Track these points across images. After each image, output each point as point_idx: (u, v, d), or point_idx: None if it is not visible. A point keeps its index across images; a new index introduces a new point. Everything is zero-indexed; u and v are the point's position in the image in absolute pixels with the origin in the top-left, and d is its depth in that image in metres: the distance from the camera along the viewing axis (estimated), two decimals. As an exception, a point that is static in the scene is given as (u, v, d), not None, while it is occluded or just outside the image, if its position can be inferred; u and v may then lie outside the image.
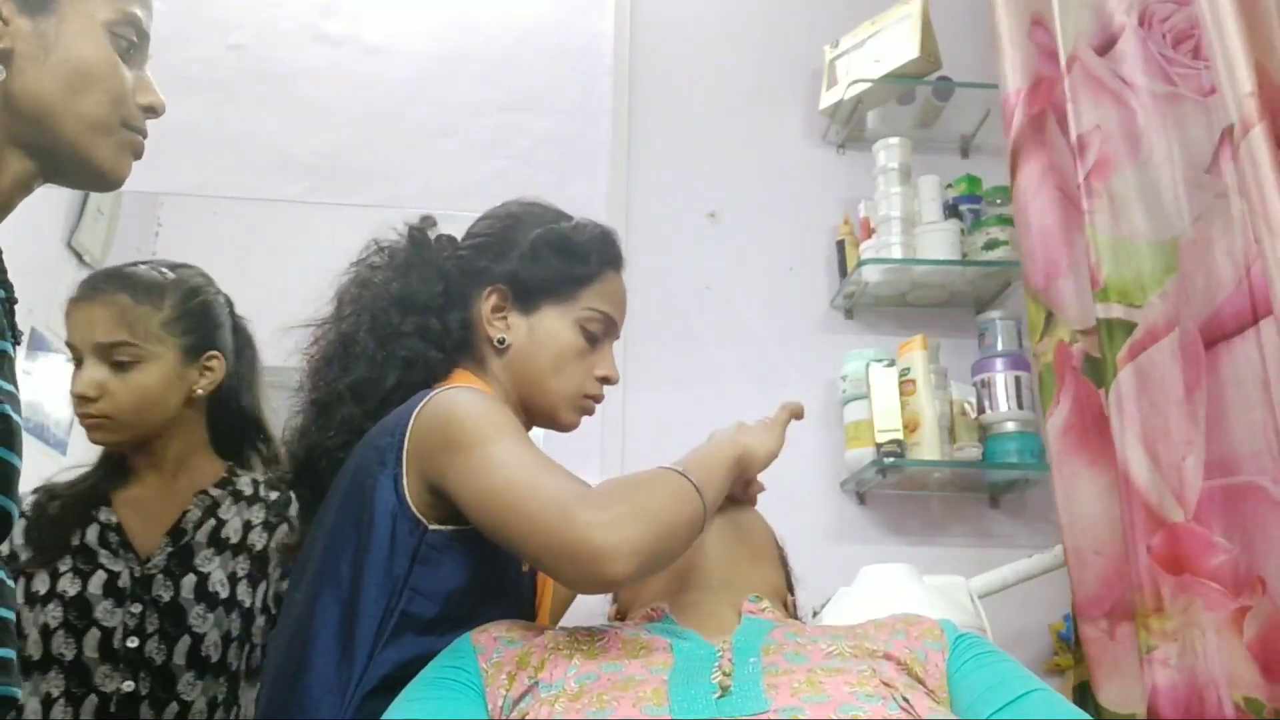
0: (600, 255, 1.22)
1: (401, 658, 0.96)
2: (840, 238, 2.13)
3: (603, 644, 0.87)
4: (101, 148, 0.89)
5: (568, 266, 1.20)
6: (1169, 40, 1.37)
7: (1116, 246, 1.34)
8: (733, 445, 1.09)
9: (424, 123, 2.15)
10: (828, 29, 2.23)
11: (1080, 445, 1.40)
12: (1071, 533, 1.39)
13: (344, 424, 1.14)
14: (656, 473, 0.95)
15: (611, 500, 0.88)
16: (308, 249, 2.03)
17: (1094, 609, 1.36)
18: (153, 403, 1.36)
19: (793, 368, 2.09)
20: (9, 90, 0.84)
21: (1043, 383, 1.47)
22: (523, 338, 1.19)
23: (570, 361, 1.18)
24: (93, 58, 0.87)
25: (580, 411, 1.22)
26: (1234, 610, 1.21)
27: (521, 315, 1.19)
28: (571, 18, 2.26)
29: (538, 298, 1.19)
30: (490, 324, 1.19)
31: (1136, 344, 1.31)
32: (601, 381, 1.22)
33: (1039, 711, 0.78)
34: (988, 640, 0.95)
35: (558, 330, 1.18)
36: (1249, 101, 1.18)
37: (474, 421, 0.98)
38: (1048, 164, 1.50)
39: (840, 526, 2.00)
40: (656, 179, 2.17)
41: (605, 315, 1.21)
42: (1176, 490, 1.26)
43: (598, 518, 0.85)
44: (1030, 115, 1.52)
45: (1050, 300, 1.47)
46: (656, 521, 0.88)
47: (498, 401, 1.06)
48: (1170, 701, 1.21)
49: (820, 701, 0.71)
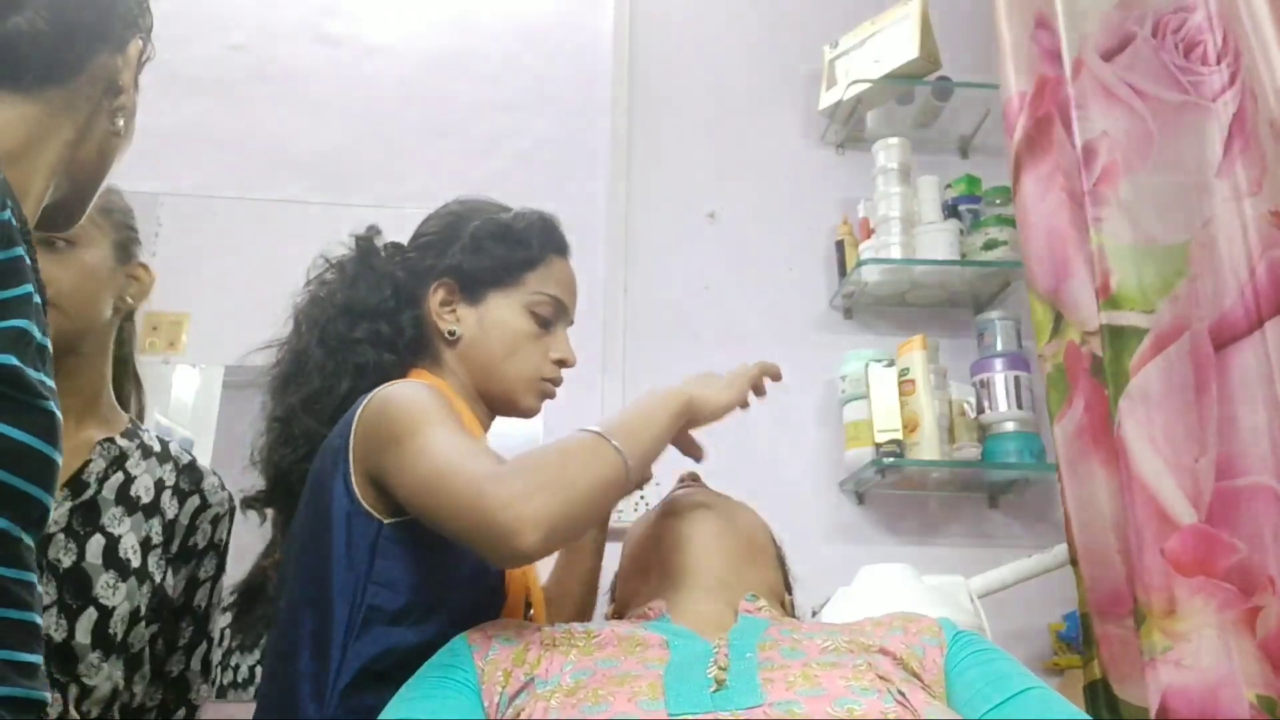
0: (541, 240, 1.24)
1: (373, 650, 0.97)
2: (839, 238, 2.13)
3: (599, 640, 0.87)
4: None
5: (509, 253, 1.22)
6: (1181, 49, 1.38)
7: (1127, 253, 1.35)
8: (676, 395, 1.08)
9: (424, 123, 2.16)
10: (827, 29, 2.23)
11: (1096, 445, 1.39)
12: (1087, 532, 1.39)
13: (304, 437, 1.16)
14: (574, 438, 0.95)
15: (520, 475, 0.89)
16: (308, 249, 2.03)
17: (1119, 607, 1.36)
18: (92, 292, 1.22)
19: (792, 368, 2.06)
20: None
21: (1052, 384, 1.47)
22: (473, 328, 1.21)
23: (523, 345, 1.21)
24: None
25: (540, 395, 1.24)
26: (1246, 610, 1.22)
27: (470, 306, 1.21)
28: (571, 18, 2.27)
29: (483, 287, 1.21)
30: (440, 318, 1.21)
31: (1148, 349, 1.32)
32: (558, 364, 1.23)
33: (1036, 709, 0.78)
34: (986, 638, 0.95)
35: (507, 317, 1.21)
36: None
37: (405, 414, 1.00)
38: (1054, 166, 1.50)
39: (839, 526, 2.00)
40: (656, 179, 2.17)
41: (553, 298, 1.22)
42: (1190, 493, 1.26)
43: (505, 493, 0.87)
44: (1036, 118, 1.52)
45: (1060, 302, 1.47)
46: (566, 491, 0.89)
47: (433, 390, 1.06)
48: (1185, 701, 1.21)
49: (816, 695, 0.71)
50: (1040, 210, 1.50)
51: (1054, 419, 1.46)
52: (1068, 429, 1.43)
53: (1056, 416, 1.45)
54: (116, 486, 1.23)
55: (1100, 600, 1.38)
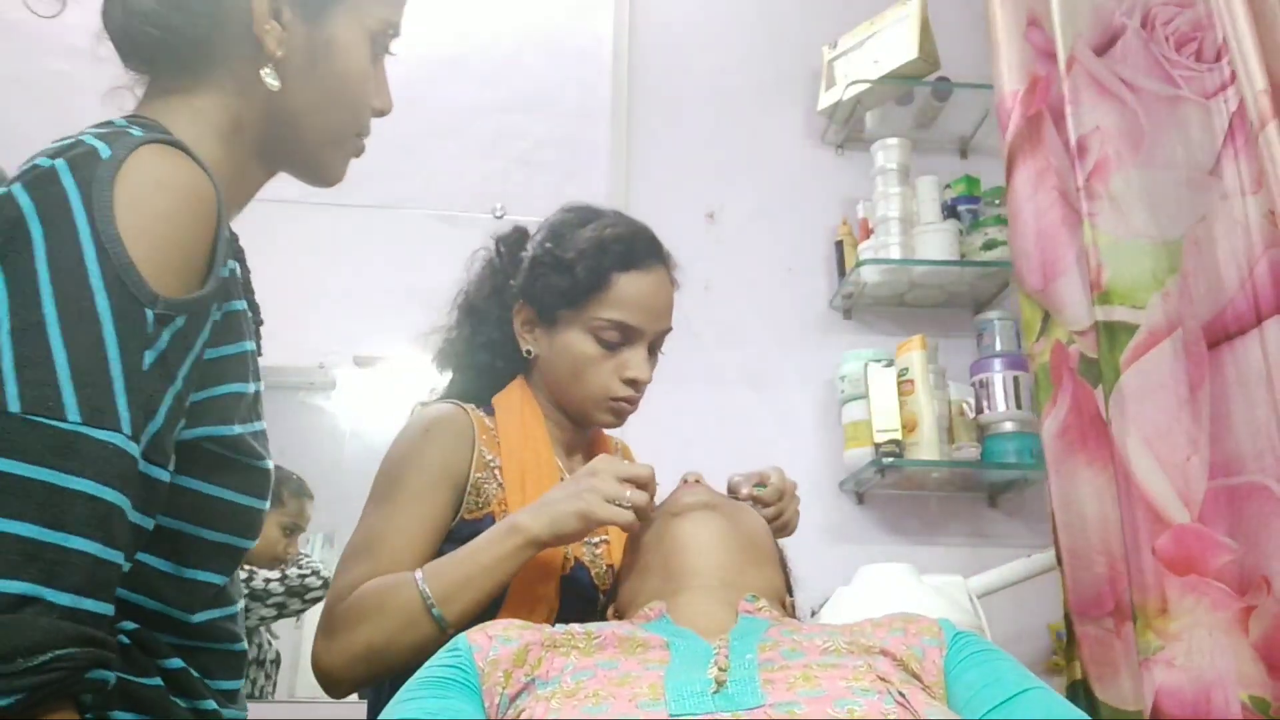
0: (592, 264, 1.21)
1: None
2: (839, 238, 2.14)
3: (599, 641, 0.87)
4: (332, 158, 0.90)
5: (563, 281, 1.22)
6: (1172, 43, 1.38)
7: (1118, 248, 1.35)
8: (509, 529, 1.06)
9: (424, 124, 2.15)
10: (826, 30, 2.23)
11: (1079, 445, 1.40)
12: (1069, 533, 1.39)
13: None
14: (397, 596, 1.05)
15: (344, 628, 1.05)
16: (307, 249, 2.03)
17: (1097, 608, 1.36)
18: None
19: (791, 368, 2.09)
20: (272, 102, 0.82)
21: (1039, 383, 1.47)
22: (546, 349, 1.25)
23: (588, 369, 1.22)
24: (353, 71, 0.86)
25: (611, 413, 1.25)
26: (1239, 610, 1.21)
27: (544, 328, 1.25)
28: (571, 20, 2.27)
29: (551, 311, 1.24)
30: (522, 337, 1.27)
31: (1139, 345, 1.32)
32: (629, 384, 1.23)
33: (1036, 709, 0.78)
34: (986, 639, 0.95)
35: (571, 341, 1.22)
36: (1263, 99, 1.20)
37: (389, 462, 1.17)
38: (1045, 164, 1.50)
39: (839, 526, 2.00)
40: (655, 179, 2.17)
41: (613, 323, 1.21)
42: (1181, 491, 1.26)
43: (327, 646, 1.06)
44: (1027, 117, 1.52)
45: (1048, 301, 1.48)
46: (371, 657, 1.04)
47: (433, 432, 1.18)
48: (1177, 701, 1.21)
49: (816, 696, 0.71)
50: (1030, 209, 1.51)
51: (1041, 418, 1.46)
52: (1051, 429, 1.43)
53: (1042, 416, 1.45)
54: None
55: (1081, 601, 1.38)
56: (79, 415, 0.62)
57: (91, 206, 0.66)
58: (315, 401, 2.04)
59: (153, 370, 0.67)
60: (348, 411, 2.04)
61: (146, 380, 0.67)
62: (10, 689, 0.57)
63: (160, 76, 0.82)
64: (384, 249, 2.08)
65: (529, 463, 1.19)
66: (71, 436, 0.62)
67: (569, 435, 1.29)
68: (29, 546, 0.59)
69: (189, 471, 0.74)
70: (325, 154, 0.89)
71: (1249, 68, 1.25)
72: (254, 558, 1.83)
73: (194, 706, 0.75)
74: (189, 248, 0.70)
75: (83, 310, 0.64)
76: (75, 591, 0.61)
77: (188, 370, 0.71)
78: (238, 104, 0.82)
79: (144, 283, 0.66)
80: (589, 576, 1.19)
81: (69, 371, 0.63)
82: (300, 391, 2.02)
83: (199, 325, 0.71)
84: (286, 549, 1.86)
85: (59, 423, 0.62)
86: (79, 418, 0.62)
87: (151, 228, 0.68)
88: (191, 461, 0.74)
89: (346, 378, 2.02)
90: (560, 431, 1.27)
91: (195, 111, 0.80)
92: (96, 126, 0.74)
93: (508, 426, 1.21)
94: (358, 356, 2.00)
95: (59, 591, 0.60)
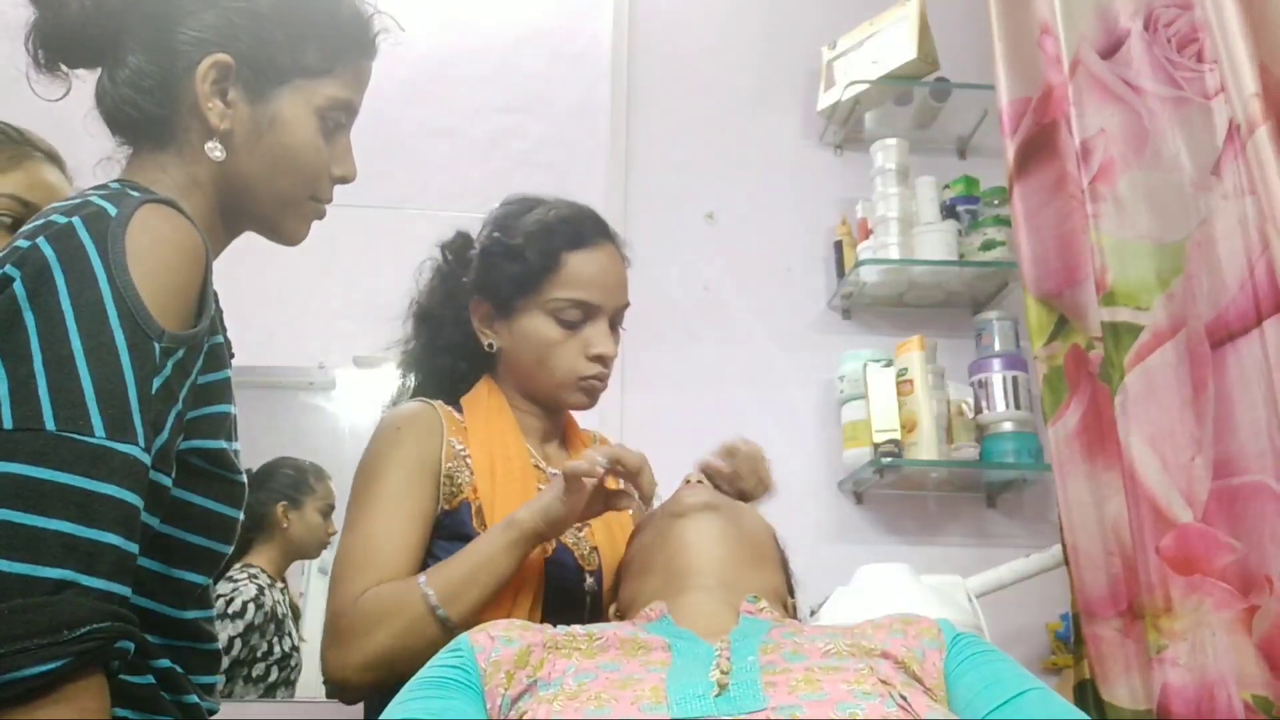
0: (543, 247, 1.23)
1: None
2: (838, 238, 2.14)
3: (601, 643, 0.88)
4: (287, 219, 1.01)
5: (515, 267, 1.23)
6: (1174, 44, 1.38)
7: (1123, 250, 1.35)
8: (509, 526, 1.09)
9: (423, 124, 2.15)
10: (825, 30, 2.24)
11: (1096, 448, 1.39)
12: (1079, 533, 1.39)
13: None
14: (402, 601, 1.07)
15: (353, 637, 1.07)
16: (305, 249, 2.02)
17: (1107, 608, 1.36)
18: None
19: (790, 368, 2.09)
20: (223, 169, 0.94)
21: (1050, 386, 1.47)
22: (508, 340, 1.26)
23: (553, 352, 1.23)
24: (299, 144, 0.97)
25: (583, 392, 1.26)
26: (1243, 609, 1.22)
27: (503, 320, 1.26)
28: (570, 20, 2.27)
29: (508, 300, 1.25)
30: (481, 332, 1.28)
31: (1144, 346, 1.32)
32: (597, 360, 1.24)
33: (1036, 710, 0.79)
34: (985, 640, 0.95)
35: (532, 326, 1.23)
36: (1254, 102, 1.20)
37: (366, 464, 1.18)
38: (1063, 171, 1.50)
39: (838, 526, 2.00)
40: (654, 180, 2.17)
41: (573, 301, 1.22)
42: (1185, 491, 1.26)
43: (338, 655, 1.08)
44: (1041, 125, 1.52)
45: (1067, 305, 1.47)
46: (383, 663, 1.06)
47: (404, 432, 1.19)
48: (1181, 700, 1.22)
49: (818, 699, 0.72)
50: (1047, 214, 1.50)
51: (1048, 420, 1.46)
52: (1062, 432, 1.43)
53: (1052, 418, 1.45)
54: None
55: (1090, 601, 1.38)
56: (104, 431, 0.74)
57: (107, 256, 0.79)
58: (315, 401, 2.04)
59: (159, 393, 0.79)
60: (348, 411, 2.04)
61: (155, 401, 0.79)
62: (54, 655, 0.69)
63: (139, 147, 0.96)
64: (384, 249, 2.07)
65: (497, 450, 1.21)
66: (100, 449, 0.74)
67: (543, 424, 1.30)
68: (67, 540, 0.71)
69: (180, 483, 0.85)
70: (280, 215, 1.00)
71: (1238, 74, 1.24)
72: (304, 547, 1.88)
73: (178, 701, 0.85)
74: (186, 291, 0.83)
75: (103, 343, 0.76)
76: (106, 577, 0.73)
77: (185, 392, 0.83)
78: (195, 170, 0.94)
79: (152, 320, 0.79)
80: (573, 559, 1.20)
81: (94, 395, 0.75)
82: (300, 391, 2.01)
83: (195, 355, 0.84)
84: (328, 531, 1.89)
85: (88, 438, 0.74)
86: (104, 434, 0.74)
87: (156, 274, 0.80)
88: (183, 475, 0.85)
89: (346, 378, 2.02)
90: (534, 420, 1.29)
91: (162, 173, 0.94)
92: (97, 189, 0.87)
93: (475, 420, 1.23)
94: (358, 357, 2.00)
95: (93, 577, 0.72)
